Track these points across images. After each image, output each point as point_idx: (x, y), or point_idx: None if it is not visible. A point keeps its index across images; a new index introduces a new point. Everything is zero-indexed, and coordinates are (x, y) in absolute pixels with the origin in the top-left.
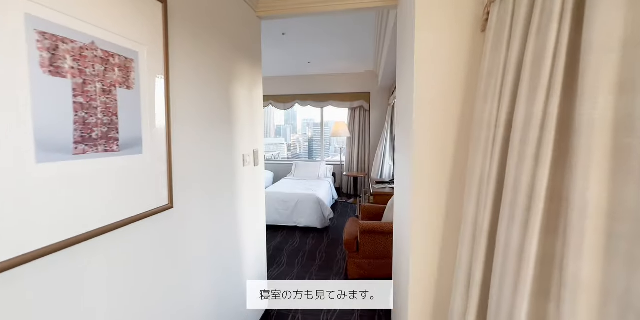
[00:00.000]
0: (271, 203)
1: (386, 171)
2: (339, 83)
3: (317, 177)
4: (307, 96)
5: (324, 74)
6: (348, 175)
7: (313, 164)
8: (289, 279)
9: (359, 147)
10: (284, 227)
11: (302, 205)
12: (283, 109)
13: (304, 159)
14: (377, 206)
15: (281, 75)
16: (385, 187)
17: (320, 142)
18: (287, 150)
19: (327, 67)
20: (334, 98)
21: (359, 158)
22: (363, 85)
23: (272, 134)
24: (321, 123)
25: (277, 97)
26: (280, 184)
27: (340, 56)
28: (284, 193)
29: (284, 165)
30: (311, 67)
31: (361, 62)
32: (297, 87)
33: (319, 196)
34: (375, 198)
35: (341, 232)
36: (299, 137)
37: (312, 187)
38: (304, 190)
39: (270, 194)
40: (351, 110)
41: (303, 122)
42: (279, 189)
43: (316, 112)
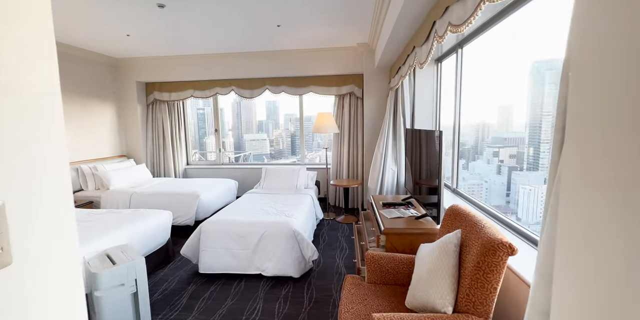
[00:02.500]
0: (219, 239)
1: (388, 180)
2: (322, 61)
3: (294, 188)
4: (280, 80)
5: (302, 48)
6: (336, 184)
7: (289, 170)
8: None
9: (350, 146)
10: (240, 278)
11: (269, 241)
12: (250, 97)
13: (281, 160)
14: (395, 257)
15: (243, 49)
16: (401, 213)
17: (300, 140)
18: (269, 146)
19: (305, 36)
20: (316, 82)
21: (351, 161)
22: (354, 63)
23: (254, 129)
24: (300, 116)
25: (242, 82)
26: (239, 203)
27: (323, 18)
28: (239, 222)
29: (253, 171)
30: (283, 38)
31: (352, 30)
32: (266, 67)
33: (295, 227)
34: (391, 238)
35: (330, 282)
36: (282, 133)
37: (287, 209)
38: (273, 216)
39: (217, 225)
40: (339, 97)
41: (285, 117)
42: (233, 214)
43: (298, 105)
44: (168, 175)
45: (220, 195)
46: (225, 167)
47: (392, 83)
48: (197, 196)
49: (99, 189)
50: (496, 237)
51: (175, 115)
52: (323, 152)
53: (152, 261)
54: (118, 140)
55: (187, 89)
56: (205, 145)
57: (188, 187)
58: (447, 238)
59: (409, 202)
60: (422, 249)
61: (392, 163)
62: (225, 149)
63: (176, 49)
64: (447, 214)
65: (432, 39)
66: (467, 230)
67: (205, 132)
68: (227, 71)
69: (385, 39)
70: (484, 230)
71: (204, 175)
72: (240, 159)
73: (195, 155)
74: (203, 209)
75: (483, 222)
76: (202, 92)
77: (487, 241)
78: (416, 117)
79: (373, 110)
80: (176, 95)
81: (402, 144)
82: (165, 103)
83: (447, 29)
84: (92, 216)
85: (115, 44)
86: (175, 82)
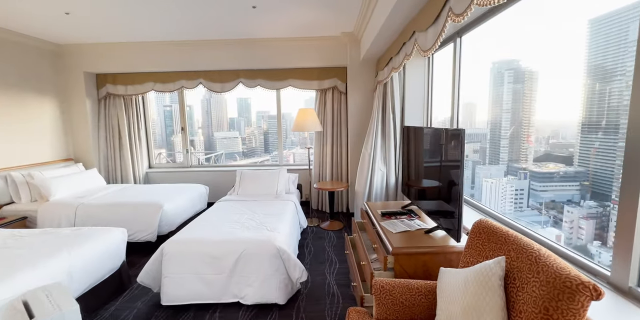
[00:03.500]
0: (186, 262)
1: (377, 182)
2: (302, 52)
3: (274, 194)
4: (256, 72)
5: (280, 37)
6: (320, 188)
7: (267, 174)
8: None
9: (334, 145)
10: (213, 308)
11: (249, 262)
12: (220, 92)
13: (254, 158)
14: (409, 285)
15: (213, 37)
16: (407, 225)
17: (279, 138)
18: (241, 144)
19: (284, 21)
20: (296, 75)
21: (335, 162)
22: (337, 55)
23: (226, 127)
24: (277, 113)
25: (211, 74)
26: (211, 215)
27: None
28: (211, 240)
29: (227, 174)
30: (260, 23)
31: (337, 16)
32: (240, 57)
33: (280, 243)
34: (401, 260)
35: (323, 307)
36: (254, 130)
37: (268, 220)
38: (252, 230)
39: (184, 244)
40: (320, 92)
41: (258, 115)
42: (203, 229)
43: (271, 102)
44: (126, 181)
45: (189, 204)
46: (194, 170)
47: (381, 76)
48: (160, 206)
49: (36, 201)
50: (570, 274)
51: (134, 112)
52: (297, 150)
53: (100, 293)
54: (62, 141)
55: (146, 82)
56: (173, 145)
57: (149, 195)
58: (486, 268)
59: (410, 211)
60: (446, 276)
61: (381, 164)
62: (195, 148)
63: (132, 35)
64: (474, 231)
65: (445, 19)
66: (511, 257)
67: (172, 131)
68: (194, 62)
69: (379, 25)
70: (543, 260)
71: (169, 179)
72: (211, 160)
73: (159, 157)
74: (168, 221)
75: (534, 246)
76: (164, 85)
77: (558, 279)
78: (406, 114)
79: (358, 106)
80: (133, 88)
81: (391, 143)
82: (121, 97)
83: (472, 3)
84: (18, 240)
85: (53, 25)
86: (133, 73)
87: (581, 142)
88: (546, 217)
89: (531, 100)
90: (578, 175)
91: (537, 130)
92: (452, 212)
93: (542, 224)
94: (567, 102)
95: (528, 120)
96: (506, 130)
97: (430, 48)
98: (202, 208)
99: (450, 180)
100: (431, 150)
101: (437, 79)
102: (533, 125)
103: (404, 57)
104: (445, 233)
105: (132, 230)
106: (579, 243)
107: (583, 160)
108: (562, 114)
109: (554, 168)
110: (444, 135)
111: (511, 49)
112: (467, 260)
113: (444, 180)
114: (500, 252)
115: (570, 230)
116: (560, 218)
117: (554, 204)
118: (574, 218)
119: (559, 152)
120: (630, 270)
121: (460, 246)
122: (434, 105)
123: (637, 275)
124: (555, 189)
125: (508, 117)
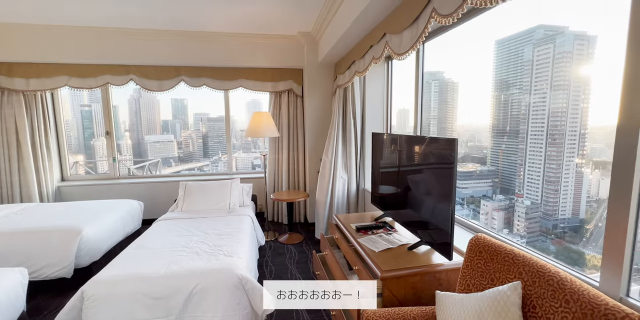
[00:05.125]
0: (118, 308)
1: (339, 190)
2: (256, 51)
3: (226, 208)
4: (201, 70)
5: (232, 32)
6: (278, 199)
7: (218, 185)
8: None
9: (291, 151)
10: None
11: (204, 299)
12: (158, 90)
13: (191, 163)
14: (405, 315)
15: (150, 26)
16: (388, 241)
17: (227, 143)
18: (177, 148)
19: (237, 14)
20: (248, 75)
21: (292, 169)
22: (293, 56)
23: (158, 130)
24: (226, 116)
25: (146, 69)
26: (149, 239)
27: None
28: (151, 275)
29: (166, 186)
30: (208, 13)
31: (295, 12)
32: (183, 51)
33: (241, 271)
34: (389, 284)
35: None
36: (191, 133)
37: (224, 242)
38: (205, 257)
39: (113, 285)
40: (275, 95)
41: (195, 117)
42: (139, 260)
43: (211, 103)
44: (27, 200)
45: (118, 226)
46: (124, 181)
47: (340, 80)
48: (77, 232)
49: None
50: (609, 304)
51: (39, 112)
52: (239, 155)
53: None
54: None
55: (58, 75)
56: (93, 151)
57: (63, 216)
58: (501, 295)
59: (385, 223)
60: (448, 303)
61: (342, 171)
62: (122, 154)
63: (40, 15)
64: (472, 250)
65: (427, 20)
66: (526, 281)
67: (93, 134)
68: (124, 53)
69: (345, 26)
70: (568, 286)
71: (91, 195)
72: (145, 169)
73: (76, 166)
74: (89, 249)
75: (551, 268)
76: (83, 80)
77: (597, 310)
78: (367, 119)
79: (316, 111)
80: (39, 82)
81: (352, 149)
82: (20, 94)
83: (465, 2)
84: None
85: None
86: (38, 63)
87: (492, 144)
88: (467, 211)
89: (453, 108)
90: (490, 174)
91: (458, 134)
92: (428, 222)
93: (464, 216)
94: (481, 110)
95: (451, 125)
96: (434, 134)
97: (407, 51)
98: (136, 228)
99: (432, 190)
100: (414, 158)
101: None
102: (455, 130)
103: (370, 60)
104: (428, 248)
105: (37, 266)
106: (492, 232)
107: (494, 160)
108: (478, 120)
109: (472, 167)
110: (427, 143)
111: (436, 61)
112: (467, 282)
113: (424, 190)
114: (509, 274)
115: (486, 221)
116: (479, 211)
117: (472, 199)
118: (489, 210)
119: (475, 153)
120: (621, 281)
121: (450, 264)
122: (393, 111)
123: (627, 285)
124: (473, 185)
125: (435, 122)
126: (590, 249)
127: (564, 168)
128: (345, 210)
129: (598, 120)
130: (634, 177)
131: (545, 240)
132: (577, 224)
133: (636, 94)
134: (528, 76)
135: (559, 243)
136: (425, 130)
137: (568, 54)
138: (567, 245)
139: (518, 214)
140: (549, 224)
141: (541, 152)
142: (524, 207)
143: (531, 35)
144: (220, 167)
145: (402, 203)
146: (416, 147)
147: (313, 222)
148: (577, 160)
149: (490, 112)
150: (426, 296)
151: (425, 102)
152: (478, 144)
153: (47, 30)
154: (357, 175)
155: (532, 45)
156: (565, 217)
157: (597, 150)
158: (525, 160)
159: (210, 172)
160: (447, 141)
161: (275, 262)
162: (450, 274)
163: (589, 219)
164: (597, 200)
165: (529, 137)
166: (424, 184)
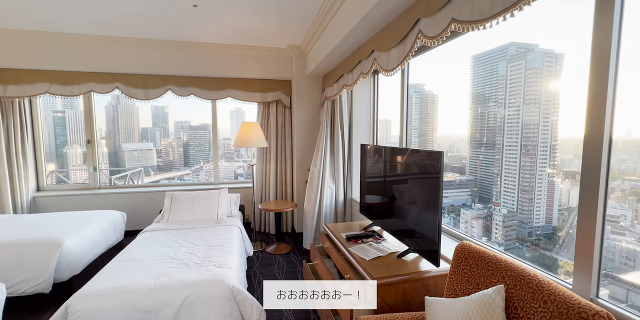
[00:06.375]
0: (109, 317)
1: (327, 200)
2: (245, 62)
3: (214, 219)
4: (189, 80)
5: (221, 43)
6: (265, 209)
7: (206, 196)
8: None
9: (279, 162)
10: None
11: (195, 311)
12: (144, 99)
13: (171, 172)
14: (402, 319)
15: (140, 34)
16: (378, 250)
17: (214, 153)
18: (156, 156)
19: (227, 26)
20: (236, 85)
21: (279, 179)
22: (282, 68)
23: (136, 137)
24: (213, 125)
25: (132, 78)
26: (135, 251)
27: (253, 3)
28: (139, 288)
29: (150, 196)
30: (199, 24)
31: (285, 26)
32: (172, 61)
33: (232, 282)
34: (381, 291)
35: None
36: (172, 142)
37: (213, 253)
38: (195, 268)
39: (99, 299)
40: (264, 105)
41: (176, 125)
42: (125, 273)
43: (194, 112)
44: (0, 211)
45: (100, 237)
46: (105, 191)
47: (329, 92)
48: (57, 244)
49: None
50: (581, 303)
51: (16, 120)
52: (221, 163)
53: None
54: None
55: (39, 82)
56: (66, 160)
57: (40, 228)
58: (486, 298)
59: (373, 231)
60: (437, 308)
61: (330, 181)
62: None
63: (26, 20)
64: (458, 257)
65: (414, 40)
66: (508, 285)
67: (66, 141)
68: (111, 61)
69: (335, 41)
70: (546, 288)
71: (68, 206)
72: (127, 178)
73: (52, 176)
74: (70, 262)
75: (530, 272)
76: (65, 87)
77: (571, 309)
78: (354, 130)
79: (304, 122)
80: (17, 89)
81: (340, 159)
82: None
83: (449, 27)
84: None
85: None
86: (16, 69)
87: (470, 155)
88: (448, 219)
89: (433, 119)
90: (469, 183)
91: (438, 145)
92: (416, 231)
93: (446, 224)
94: (460, 122)
95: (432, 136)
96: (415, 144)
97: (395, 68)
98: (118, 239)
99: (419, 200)
100: (401, 169)
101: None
102: (435, 140)
103: (359, 75)
104: (416, 255)
105: (12, 281)
106: (473, 240)
107: (472, 170)
108: (457, 131)
109: (452, 177)
110: (414, 155)
111: (417, 73)
112: (454, 287)
113: (411, 200)
114: (493, 278)
115: (465, 229)
116: (459, 219)
117: (453, 208)
118: (468, 219)
119: (455, 163)
120: (591, 284)
121: (437, 271)
122: (379, 123)
123: (596, 288)
124: (453, 194)
125: (416, 133)
126: (563, 255)
127: (537, 178)
128: (333, 219)
129: (567, 132)
130: (599, 186)
131: (521, 248)
132: (550, 232)
133: (600, 108)
134: (503, 90)
135: (534, 250)
136: (407, 141)
137: (538, 70)
138: (542, 252)
139: (496, 222)
140: (524, 232)
141: (516, 163)
142: (501, 215)
143: (505, 51)
144: (202, 176)
145: (390, 212)
146: (403, 159)
147: (301, 232)
148: (549, 170)
149: (468, 124)
150: (415, 302)
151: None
152: (457, 155)
153: (28, 35)
154: (345, 185)
155: (506, 61)
156: (540, 224)
157: (567, 160)
158: (502, 170)
159: (192, 182)
160: (433, 153)
161: (263, 273)
162: (437, 280)
163: (561, 227)
164: (567, 209)
165: (505, 148)
166: (410, 193)
